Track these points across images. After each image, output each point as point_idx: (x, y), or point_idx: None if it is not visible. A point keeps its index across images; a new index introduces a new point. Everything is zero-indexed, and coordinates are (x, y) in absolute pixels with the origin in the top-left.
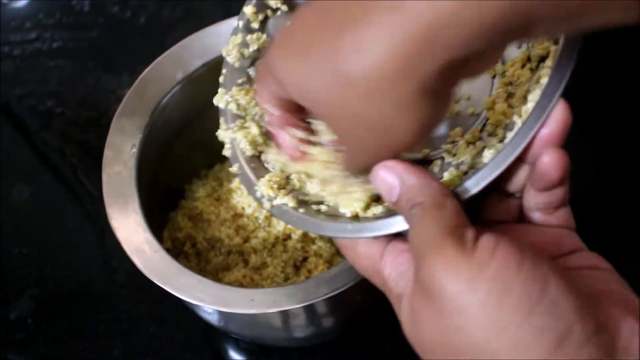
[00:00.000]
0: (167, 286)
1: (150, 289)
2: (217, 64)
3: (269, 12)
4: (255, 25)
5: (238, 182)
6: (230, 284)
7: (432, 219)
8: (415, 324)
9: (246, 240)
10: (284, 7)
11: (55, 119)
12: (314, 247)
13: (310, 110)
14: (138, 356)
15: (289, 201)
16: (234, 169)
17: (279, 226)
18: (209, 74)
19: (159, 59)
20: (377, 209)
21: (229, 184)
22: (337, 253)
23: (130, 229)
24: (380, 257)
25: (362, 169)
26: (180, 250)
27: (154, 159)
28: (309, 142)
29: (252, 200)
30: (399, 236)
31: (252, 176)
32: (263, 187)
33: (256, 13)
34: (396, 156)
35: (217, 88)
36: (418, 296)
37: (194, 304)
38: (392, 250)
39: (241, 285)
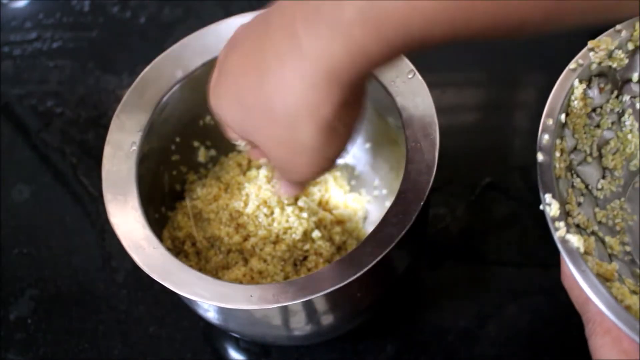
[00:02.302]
0: (167, 282)
1: (150, 289)
2: None
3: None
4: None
5: (237, 180)
6: (230, 282)
7: None
8: None
9: (246, 238)
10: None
11: (55, 119)
12: (314, 245)
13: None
14: (138, 356)
15: (580, 244)
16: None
17: (279, 225)
18: (209, 74)
19: (159, 57)
20: None
21: (229, 183)
22: (337, 252)
23: (129, 225)
24: None
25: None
26: (180, 249)
27: (154, 157)
28: None
29: (250, 198)
30: None
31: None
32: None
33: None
34: (321, 170)
35: None
36: None
37: (194, 302)
38: None
39: (241, 283)
